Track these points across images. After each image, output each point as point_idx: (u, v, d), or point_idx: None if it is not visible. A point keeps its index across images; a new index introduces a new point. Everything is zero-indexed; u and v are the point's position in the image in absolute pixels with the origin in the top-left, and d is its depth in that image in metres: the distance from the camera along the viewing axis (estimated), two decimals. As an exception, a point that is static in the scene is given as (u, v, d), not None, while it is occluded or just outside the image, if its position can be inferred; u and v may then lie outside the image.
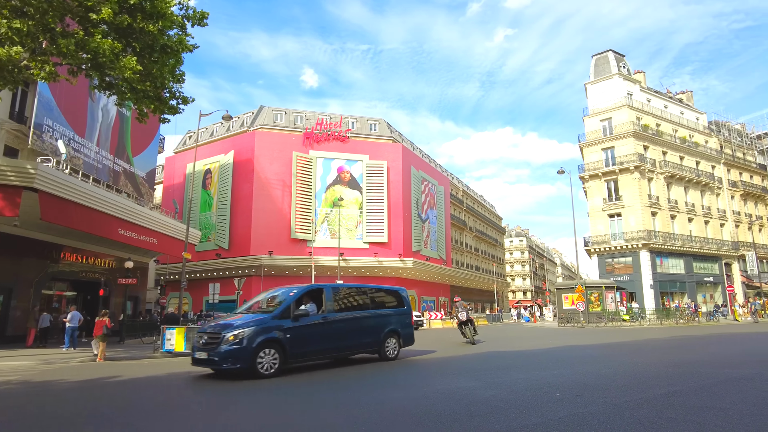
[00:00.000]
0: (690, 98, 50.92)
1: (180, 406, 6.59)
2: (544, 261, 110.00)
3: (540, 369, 8.97)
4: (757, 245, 46.68)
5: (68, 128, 23.32)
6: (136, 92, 13.77)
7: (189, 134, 53.33)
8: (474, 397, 6.23)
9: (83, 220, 19.09)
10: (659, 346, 13.58)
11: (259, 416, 5.69)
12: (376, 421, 5.15)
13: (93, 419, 5.74)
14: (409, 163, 48.55)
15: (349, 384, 7.92)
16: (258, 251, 40.50)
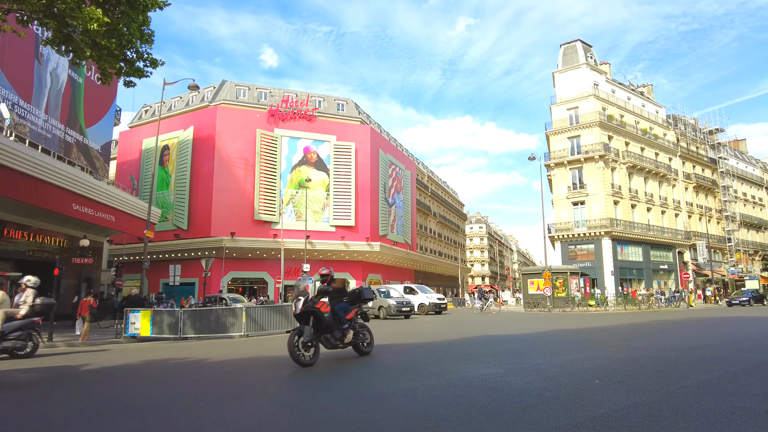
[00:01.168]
0: (651, 92, 52.46)
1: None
2: (502, 248, 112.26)
3: (552, 353, 8.54)
4: (706, 235, 48.97)
5: (12, 92, 21.05)
6: (98, 49, 12.27)
7: (145, 108, 50.32)
8: (510, 386, 5.65)
9: (32, 192, 17.30)
10: (649, 330, 13.57)
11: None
12: (419, 414, 4.47)
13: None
14: (377, 145, 47.69)
15: (360, 373, 7.21)
16: (219, 232, 38.75)
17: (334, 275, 8.68)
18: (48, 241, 24.93)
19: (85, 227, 26.01)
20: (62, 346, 13.42)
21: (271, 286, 41.15)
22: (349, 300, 8.55)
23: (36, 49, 22.63)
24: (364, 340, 8.60)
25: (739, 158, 59.55)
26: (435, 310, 27.66)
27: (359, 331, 8.52)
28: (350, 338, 8.17)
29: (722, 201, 53.25)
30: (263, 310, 15.04)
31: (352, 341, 8.32)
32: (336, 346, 8.13)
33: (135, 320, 14.65)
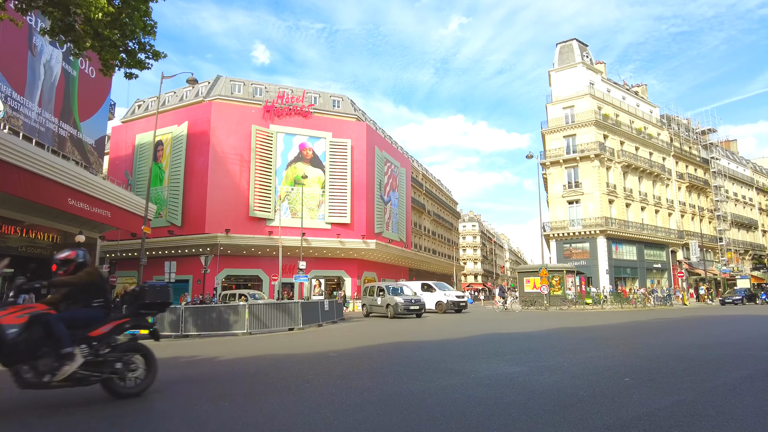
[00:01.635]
0: (645, 91, 52.75)
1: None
2: (494, 246, 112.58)
3: (569, 352, 8.45)
4: (698, 234, 49.42)
5: (5, 83, 20.57)
6: (101, 39, 11.97)
7: (138, 103, 49.66)
8: (540, 384, 5.53)
9: (28, 187, 16.90)
10: (656, 328, 13.55)
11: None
12: (457, 414, 4.32)
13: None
14: (373, 143, 47.49)
15: (381, 371, 7.05)
16: (213, 229, 38.33)
17: (81, 261, 5.61)
18: (41, 237, 24.44)
19: (79, 223, 25.56)
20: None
21: (266, 283, 40.83)
22: (123, 303, 5.83)
23: (29, 40, 22.14)
24: (128, 370, 5.36)
25: (730, 158, 60.18)
26: (455, 308, 26.07)
27: (121, 359, 5.29)
28: (70, 370, 4.70)
29: (714, 201, 53.76)
30: (266, 307, 14.81)
31: (86, 375, 4.96)
32: (39, 384, 4.67)
33: (135, 317, 14.32)
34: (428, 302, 26.01)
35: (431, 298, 26.42)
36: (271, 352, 9.64)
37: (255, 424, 4.22)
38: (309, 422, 4.23)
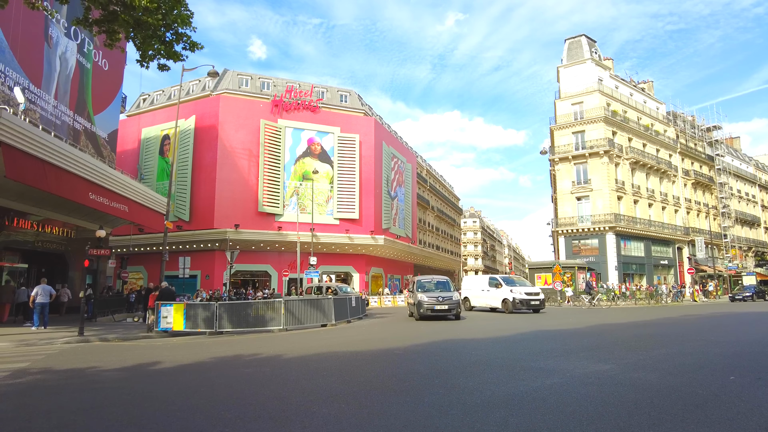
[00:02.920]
0: (651, 88, 52.79)
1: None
2: (494, 242, 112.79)
3: (640, 348, 8.37)
4: (703, 231, 49.64)
5: (23, 76, 20.19)
6: (144, 28, 11.70)
7: (143, 96, 49.13)
8: (647, 383, 5.43)
9: (52, 180, 16.59)
10: (700, 325, 13.51)
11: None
12: (595, 413, 4.20)
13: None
14: (381, 138, 47.25)
15: (474, 369, 6.92)
16: (222, 224, 38.02)
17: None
18: (56, 231, 24.14)
19: (93, 217, 25.26)
20: (96, 341, 12.90)
21: (274, 278, 40.63)
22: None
23: (45, 31, 21.73)
24: None
25: (734, 155, 60.42)
26: (527, 307, 21.30)
27: None
28: None
29: (719, 198, 53.99)
30: (301, 303, 14.66)
31: None
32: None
33: (167, 314, 14.16)
34: (491, 300, 22.80)
35: (496, 295, 22.41)
36: (331, 350, 9.46)
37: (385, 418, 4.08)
38: (443, 424, 4.09)
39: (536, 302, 21.37)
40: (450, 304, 17.89)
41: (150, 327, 14.34)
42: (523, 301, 21.23)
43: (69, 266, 25.61)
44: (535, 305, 21.34)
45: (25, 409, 4.82)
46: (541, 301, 21.72)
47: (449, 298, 18.20)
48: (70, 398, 5.35)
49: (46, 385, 6.11)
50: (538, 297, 21.64)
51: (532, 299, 21.38)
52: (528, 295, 21.51)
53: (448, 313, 17.94)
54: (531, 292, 22.02)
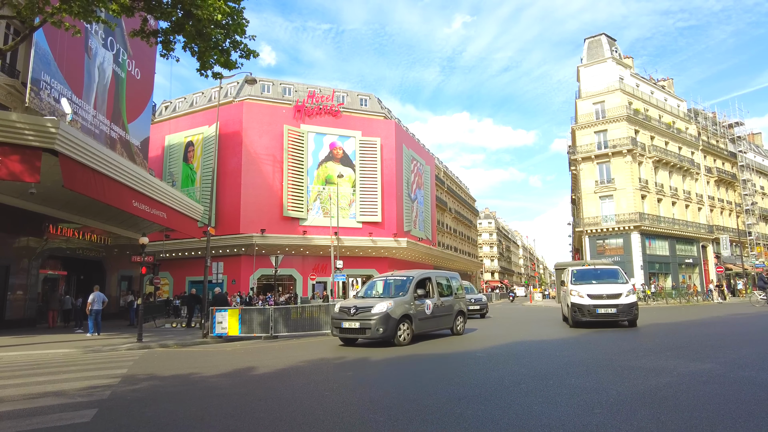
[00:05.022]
0: (671, 86, 52.46)
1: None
2: (510, 243, 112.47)
3: (724, 347, 8.42)
4: (727, 229, 49.17)
5: (66, 86, 20.62)
6: (205, 39, 11.96)
7: (165, 104, 49.72)
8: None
9: (102, 189, 16.90)
10: (758, 323, 13.48)
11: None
12: (737, 412, 4.27)
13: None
14: (401, 141, 47.43)
15: (575, 370, 7.00)
16: (248, 229, 38.38)
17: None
18: (95, 238, 24.54)
19: (129, 224, 25.66)
20: (156, 347, 13.11)
21: (299, 282, 40.89)
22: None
23: (86, 43, 22.16)
24: None
25: (756, 152, 59.79)
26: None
27: None
28: None
29: (742, 194, 53.45)
30: (353, 307, 14.79)
31: None
32: None
33: (222, 319, 14.36)
34: None
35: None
36: (413, 352, 9.59)
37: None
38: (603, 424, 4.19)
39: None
40: (481, 304, 18.24)
41: (205, 332, 14.54)
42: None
43: (107, 273, 26.00)
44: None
45: (176, 414, 4.98)
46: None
47: (480, 299, 18.20)
48: (203, 405, 5.51)
49: (168, 390, 6.28)
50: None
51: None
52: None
53: (481, 312, 18.51)
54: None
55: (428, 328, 11.95)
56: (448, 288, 13.21)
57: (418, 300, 11.47)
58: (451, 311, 12.81)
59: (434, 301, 12.09)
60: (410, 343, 10.75)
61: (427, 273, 12.83)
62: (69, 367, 8.78)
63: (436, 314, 12.06)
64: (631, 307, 12.65)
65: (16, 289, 18.96)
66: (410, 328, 10.91)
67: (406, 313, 10.87)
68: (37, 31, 15.33)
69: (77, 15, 10.01)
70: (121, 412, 5.08)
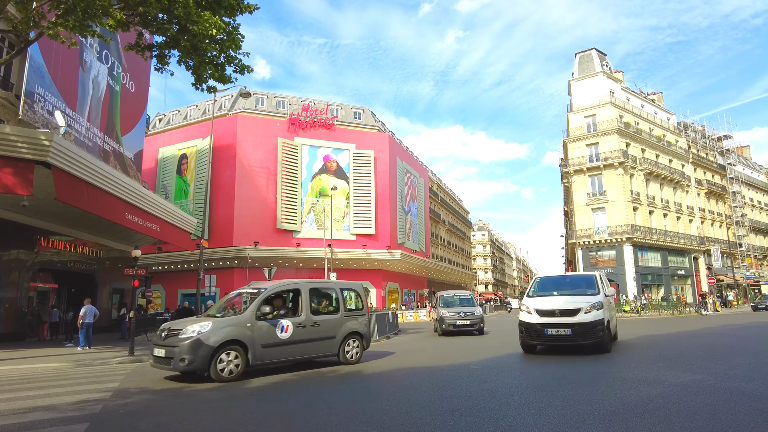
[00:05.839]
0: (661, 99, 53.24)
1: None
2: (503, 255, 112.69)
3: (714, 359, 8.48)
4: (718, 240, 49.62)
5: (60, 99, 20.63)
6: (200, 54, 12.06)
7: (159, 117, 49.76)
8: (759, 393, 5.55)
9: (95, 202, 16.84)
10: (750, 334, 13.58)
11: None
12: (729, 421, 4.32)
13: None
14: (395, 154, 47.67)
15: (577, 381, 7.02)
16: (241, 242, 38.26)
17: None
18: (87, 251, 24.37)
19: (121, 236, 25.49)
20: (149, 360, 12.96)
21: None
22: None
23: (81, 56, 22.23)
24: None
25: (745, 164, 60.61)
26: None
27: None
28: None
29: (732, 206, 54.04)
30: (346, 319, 14.73)
31: None
32: None
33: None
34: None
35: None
36: (409, 365, 9.59)
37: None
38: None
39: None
40: (473, 320, 17.29)
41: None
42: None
43: (98, 286, 25.78)
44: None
45: (169, 428, 4.95)
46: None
47: (471, 313, 17.64)
48: (196, 418, 5.47)
49: (161, 404, 6.23)
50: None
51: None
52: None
53: (471, 328, 17.31)
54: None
55: (286, 356, 9.04)
56: (332, 303, 10.41)
57: (265, 320, 8.75)
58: (336, 333, 9.88)
59: (300, 321, 9.23)
60: (239, 378, 8.16)
61: (293, 283, 10.26)
62: (59, 381, 8.69)
63: (303, 338, 9.19)
64: (592, 327, 9.54)
65: (6, 303, 18.74)
66: (243, 358, 8.28)
67: (235, 337, 8.26)
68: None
69: (73, 29, 10.09)
70: (113, 426, 5.05)
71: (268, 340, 8.68)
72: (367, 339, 10.79)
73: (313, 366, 9.78)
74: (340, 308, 10.27)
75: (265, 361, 8.68)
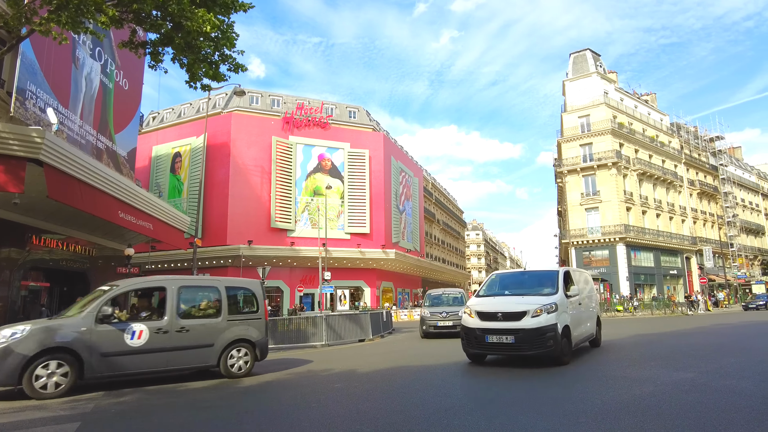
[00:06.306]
0: (654, 100, 53.54)
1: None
2: (497, 255, 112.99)
3: (703, 358, 8.53)
4: (710, 240, 50.00)
5: (52, 96, 20.45)
6: (194, 51, 11.98)
7: (152, 115, 49.49)
8: (749, 391, 5.60)
9: (87, 200, 16.72)
10: (741, 333, 13.69)
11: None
12: (718, 420, 4.35)
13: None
14: (389, 153, 47.66)
15: (575, 379, 7.04)
16: (235, 240, 38.12)
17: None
18: (79, 249, 24.18)
19: (114, 235, 25.31)
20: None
21: (286, 294, 40.63)
22: None
23: (73, 53, 22.05)
24: None
25: (736, 165, 61.10)
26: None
27: None
28: None
29: (723, 207, 54.46)
30: (340, 319, 14.76)
31: None
32: None
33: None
34: None
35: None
36: (399, 364, 9.57)
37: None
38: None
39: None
40: (456, 321, 14.40)
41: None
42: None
43: (91, 284, 25.57)
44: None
45: (161, 427, 4.93)
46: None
47: (455, 313, 15.23)
48: (189, 417, 5.45)
49: (153, 403, 6.20)
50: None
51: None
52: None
53: (453, 330, 14.82)
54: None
55: (138, 367, 7.62)
56: (213, 305, 8.81)
57: (109, 324, 7.48)
58: (214, 340, 8.38)
59: (160, 326, 7.87)
60: (66, 395, 6.86)
61: (158, 280, 9.03)
62: (51, 381, 8.61)
63: (164, 346, 7.79)
64: (539, 334, 7.94)
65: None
66: (72, 371, 6.96)
67: (61, 344, 6.93)
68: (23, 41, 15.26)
69: (65, 26, 10.00)
70: (105, 425, 5.02)
71: (111, 348, 7.28)
72: (262, 347, 9.04)
73: (181, 380, 8.27)
74: (223, 311, 8.68)
75: (106, 373, 7.29)
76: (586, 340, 9.93)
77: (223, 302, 8.73)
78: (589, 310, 10.23)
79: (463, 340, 8.94)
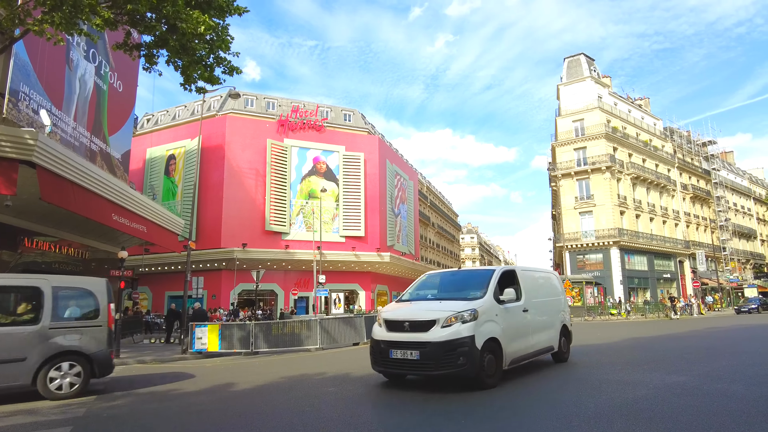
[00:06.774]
0: (647, 105, 53.93)
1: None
2: (491, 258, 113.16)
3: (697, 361, 8.57)
4: (703, 244, 50.33)
5: (45, 98, 20.32)
6: (189, 54, 11.97)
7: (147, 117, 49.30)
8: (741, 394, 5.63)
9: (81, 202, 16.64)
10: (735, 336, 13.76)
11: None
12: (710, 423, 4.37)
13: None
14: (384, 156, 47.70)
15: (566, 383, 7.04)
16: (229, 243, 37.96)
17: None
18: (72, 252, 24.02)
19: (107, 237, 25.18)
20: (133, 363, 12.87)
21: (281, 297, 40.50)
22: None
23: (67, 54, 21.96)
24: None
25: (729, 169, 61.58)
26: None
27: None
28: None
29: (716, 211, 54.85)
30: (335, 322, 14.73)
31: None
32: None
33: (202, 335, 14.16)
34: None
35: None
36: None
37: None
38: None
39: None
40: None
41: (185, 348, 14.31)
42: None
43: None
44: None
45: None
46: None
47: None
48: (181, 421, 5.42)
49: (145, 407, 6.16)
50: None
51: None
52: None
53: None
54: None
55: None
56: (26, 310, 7.38)
57: None
58: (27, 353, 6.87)
59: None
60: None
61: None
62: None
63: None
64: (447, 349, 6.37)
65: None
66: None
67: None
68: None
69: (59, 27, 9.97)
70: (97, 429, 4.98)
71: None
72: (101, 361, 7.46)
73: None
74: (43, 317, 7.14)
75: None
76: (538, 355, 8.16)
77: (46, 306, 7.18)
78: (543, 318, 8.44)
79: (371, 354, 7.33)
